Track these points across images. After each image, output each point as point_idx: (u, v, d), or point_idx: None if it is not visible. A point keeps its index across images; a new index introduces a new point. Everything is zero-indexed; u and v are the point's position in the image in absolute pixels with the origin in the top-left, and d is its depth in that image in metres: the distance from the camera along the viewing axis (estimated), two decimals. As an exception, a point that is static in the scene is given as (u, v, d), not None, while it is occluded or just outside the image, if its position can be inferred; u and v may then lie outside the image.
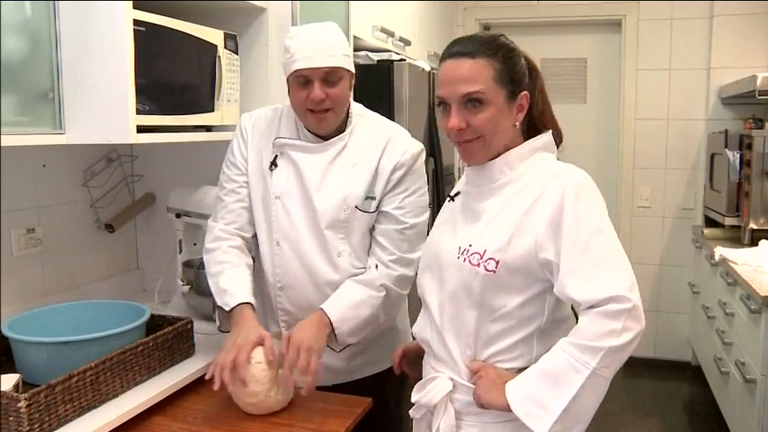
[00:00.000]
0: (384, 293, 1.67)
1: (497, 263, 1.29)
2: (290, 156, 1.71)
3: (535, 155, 1.37)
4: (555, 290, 1.26)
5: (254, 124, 1.76)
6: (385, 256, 1.70)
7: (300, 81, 1.61)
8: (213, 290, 1.68)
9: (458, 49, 1.32)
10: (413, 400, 1.44)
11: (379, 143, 1.71)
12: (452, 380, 1.38)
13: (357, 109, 1.77)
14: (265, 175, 1.72)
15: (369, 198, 1.69)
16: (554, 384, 1.22)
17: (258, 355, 1.51)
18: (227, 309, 1.61)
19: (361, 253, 1.72)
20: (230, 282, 1.65)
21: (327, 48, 1.59)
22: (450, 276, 1.35)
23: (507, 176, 1.36)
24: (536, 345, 1.33)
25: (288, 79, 1.64)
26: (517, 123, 1.35)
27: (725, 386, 3.07)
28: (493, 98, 1.30)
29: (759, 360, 2.52)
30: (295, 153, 1.70)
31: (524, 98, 1.34)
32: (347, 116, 1.73)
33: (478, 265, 1.30)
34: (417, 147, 1.75)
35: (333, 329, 1.60)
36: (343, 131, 1.71)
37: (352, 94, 1.73)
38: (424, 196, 1.75)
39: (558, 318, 1.34)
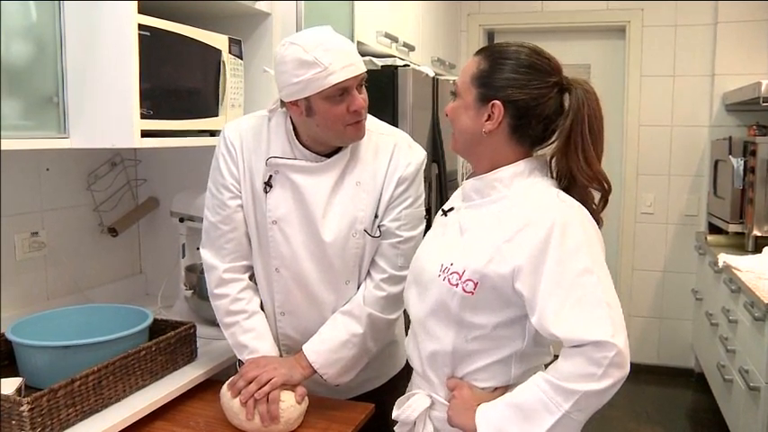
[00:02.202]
0: (368, 326, 1.59)
1: (476, 284, 1.26)
2: (288, 176, 1.57)
3: (533, 176, 1.32)
4: (534, 324, 1.22)
5: (242, 138, 1.61)
6: (377, 275, 1.61)
7: (338, 94, 1.47)
8: (230, 342, 1.64)
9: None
10: (393, 416, 1.43)
11: (383, 156, 1.61)
12: (431, 397, 1.37)
13: None
14: (257, 196, 1.60)
15: (376, 217, 1.60)
16: (523, 420, 1.20)
17: (285, 395, 1.52)
18: None
19: None
20: (249, 336, 1.61)
21: (355, 52, 1.50)
22: (431, 293, 1.33)
23: (499, 193, 1.32)
24: (514, 366, 1.31)
25: (310, 98, 1.48)
26: (484, 130, 1.30)
27: (728, 393, 3.06)
28: (463, 92, 1.34)
29: (763, 368, 2.51)
30: (294, 174, 1.57)
31: (496, 107, 1.28)
32: None
33: (457, 285, 1.27)
34: (420, 156, 1.65)
35: (319, 374, 1.57)
36: (344, 147, 1.59)
37: None
38: (421, 207, 1.65)
39: (539, 341, 1.30)
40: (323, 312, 1.63)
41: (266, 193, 1.59)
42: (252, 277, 1.68)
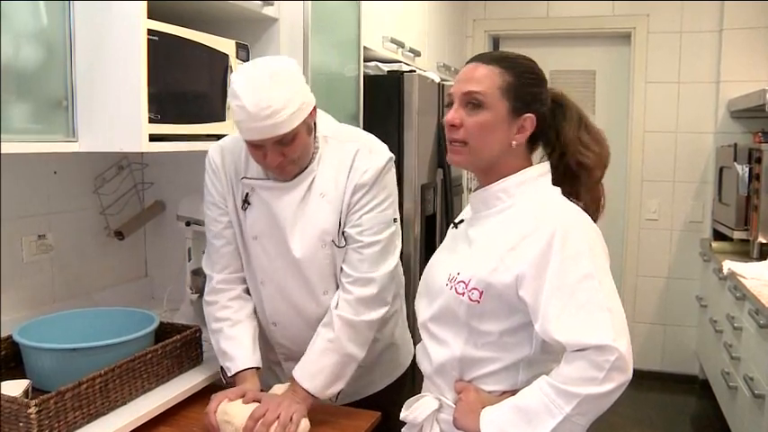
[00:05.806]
0: (340, 329, 1.56)
1: (481, 293, 1.28)
2: (260, 195, 1.62)
3: (537, 183, 1.33)
4: (537, 330, 1.24)
5: (223, 157, 1.67)
6: (343, 279, 1.61)
7: (252, 143, 1.50)
8: (215, 348, 1.67)
9: (482, 55, 1.36)
10: (401, 417, 1.44)
11: (344, 165, 1.61)
12: (439, 399, 1.39)
13: (322, 129, 1.63)
14: (239, 213, 1.66)
15: (341, 226, 1.61)
16: (526, 423, 1.22)
17: (233, 410, 1.50)
18: (228, 374, 1.62)
19: None
20: (230, 343, 1.63)
21: (272, 113, 1.42)
22: (438, 301, 1.36)
23: (504, 203, 1.33)
24: (521, 372, 1.32)
25: None
26: (514, 143, 1.31)
27: (732, 401, 3.05)
28: (493, 104, 1.28)
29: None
30: (265, 193, 1.62)
31: (529, 121, 1.31)
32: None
33: (463, 294, 1.29)
34: (381, 160, 1.61)
35: (304, 388, 1.55)
36: (311, 163, 1.61)
37: (314, 124, 1.60)
38: (386, 211, 1.62)
39: (547, 349, 1.31)
40: (309, 322, 1.65)
41: (245, 210, 1.64)
42: (248, 289, 1.72)
